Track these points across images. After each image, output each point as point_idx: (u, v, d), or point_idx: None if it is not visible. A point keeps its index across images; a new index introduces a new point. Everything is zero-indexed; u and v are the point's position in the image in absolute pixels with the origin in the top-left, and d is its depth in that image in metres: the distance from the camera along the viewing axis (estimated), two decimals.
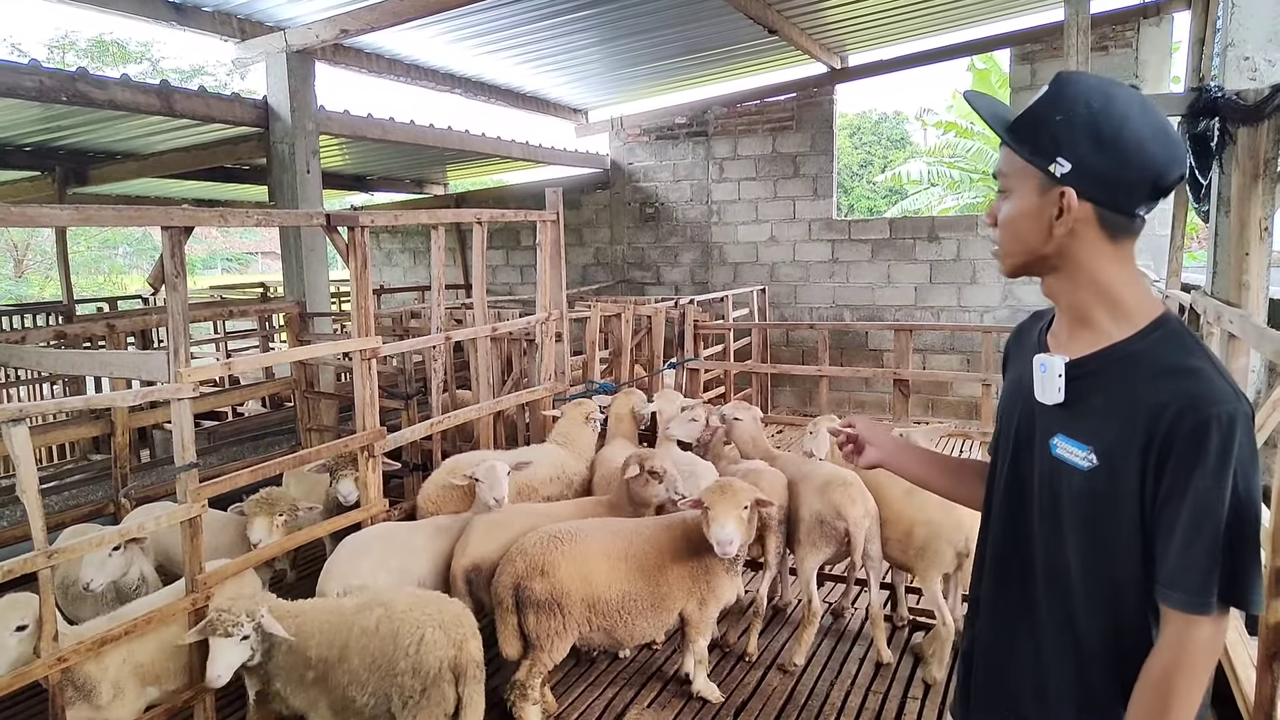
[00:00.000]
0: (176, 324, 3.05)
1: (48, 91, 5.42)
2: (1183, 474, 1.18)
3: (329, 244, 5.87)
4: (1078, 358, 1.31)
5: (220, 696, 3.31)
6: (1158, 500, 1.21)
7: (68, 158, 8.75)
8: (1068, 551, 1.32)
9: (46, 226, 6.47)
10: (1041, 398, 1.34)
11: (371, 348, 3.85)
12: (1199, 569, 1.18)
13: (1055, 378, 1.31)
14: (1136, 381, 1.24)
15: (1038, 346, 1.40)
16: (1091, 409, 1.28)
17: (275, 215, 4.50)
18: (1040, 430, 1.35)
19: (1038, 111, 1.28)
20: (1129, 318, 1.29)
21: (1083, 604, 1.31)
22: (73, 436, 5.73)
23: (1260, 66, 3.59)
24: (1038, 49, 8.66)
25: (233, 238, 28.05)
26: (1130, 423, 1.23)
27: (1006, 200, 1.34)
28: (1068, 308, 1.35)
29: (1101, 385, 1.28)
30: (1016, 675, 1.43)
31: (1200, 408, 1.17)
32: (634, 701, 3.65)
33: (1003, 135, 1.31)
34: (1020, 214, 1.31)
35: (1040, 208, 1.28)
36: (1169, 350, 1.25)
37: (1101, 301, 1.30)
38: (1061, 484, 1.31)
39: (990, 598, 1.48)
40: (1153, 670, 1.23)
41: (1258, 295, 3.66)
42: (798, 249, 10.12)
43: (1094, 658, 1.31)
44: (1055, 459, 1.31)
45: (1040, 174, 1.27)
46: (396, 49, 8.05)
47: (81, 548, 2.87)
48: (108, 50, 20.24)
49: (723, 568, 3.42)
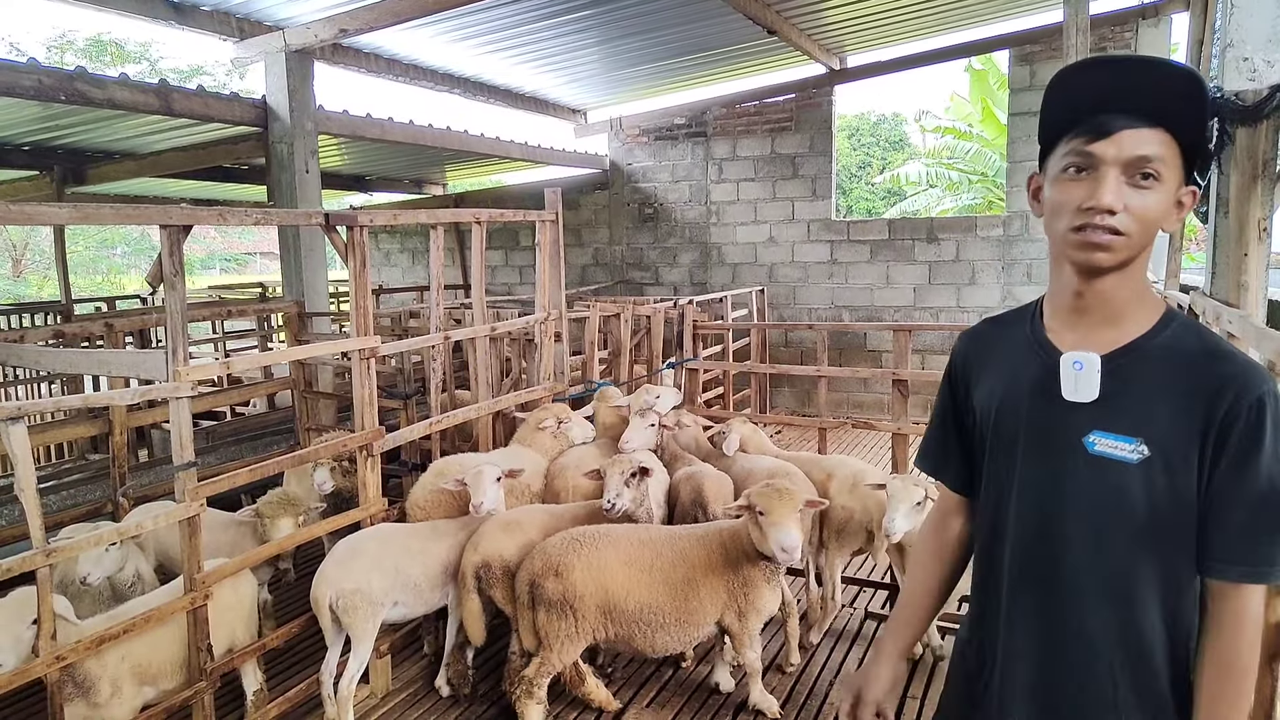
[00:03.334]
0: (175, 323, 3.04)
1: (46, 90, 5.41)
2: (1246, 452, 1.20)
3: (327, 244, 5.86)
4: (1110, 352, 1.29)
5: (219, 696, 3.31)
6: (1214, 480, 1.23)
7: (66, 157, 8.74)
8: (1122, 549, 1.28)
9: (45, 224, 6.45)
10: (1074, 396, 1.30)
11: (370, 347, 3.85)
12: (1263, 541, 1.21)
13: (1093, 374, 1.28)
14: (1180, 369, 1.25)
15: (1039, 348, 1.37)
16: (1133, 402, 1.27)
17: (274, 214, 4.50)
18: (1069, 430, 1.31)
19: (1208, 105, 1.25)
20: (1149, 312, 1.31)
21: (1141, 600, 1.29)
22: (70, 436, 5.72)
23: (1259, 67, 3.58)
24: (1037, 50, 8.67)
25: (231, 238, 28.00)
26: (1184, 409, 1.23)
27: (1150, 191, 1.23)
28: (1102, 305, 1.31)
29: (1141, 377, 1.27)
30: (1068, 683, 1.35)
31: (1253, 387, 1.21)
32: (633, 701, 3.65)
33: (1203, 123, 1.25)
34: (1167, 206, 1.25)
35: (1172, 201, 1.26)
36: (1195, 337, 1.28)
37: (1137, 297, 1.31)
38: (1109, 481, 1.28)
39: (1019, 606, 1.39)
40: (1222, 651, 1.26)
41: (1256, 296, 3.65)
42: (796, 250, 10.12)
43: (1154, 654, 1.30)
44: (1096, 456, 1.28)
45: (1183, 170, 1.25)
46: (396, 49, 8.05)
47: (80, 546, 2.86)
48: (106, 50, 20.20)
49: (763, 578, 3.27)
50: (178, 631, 3.08)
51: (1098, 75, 1.29)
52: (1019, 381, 1.38)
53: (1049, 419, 1.33)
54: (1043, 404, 1.34)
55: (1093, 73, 1.31)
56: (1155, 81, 1.23)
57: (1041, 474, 1.35)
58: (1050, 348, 1.35)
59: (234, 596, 3.33)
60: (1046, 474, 1.34)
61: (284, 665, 4.10)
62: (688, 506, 4.00)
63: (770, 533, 3.08)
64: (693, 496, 4.00)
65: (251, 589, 3.49)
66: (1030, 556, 1.37)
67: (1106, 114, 1.23)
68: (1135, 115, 1.21)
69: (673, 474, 4.27)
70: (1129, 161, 1.22)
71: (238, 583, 3.38)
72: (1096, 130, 1.23)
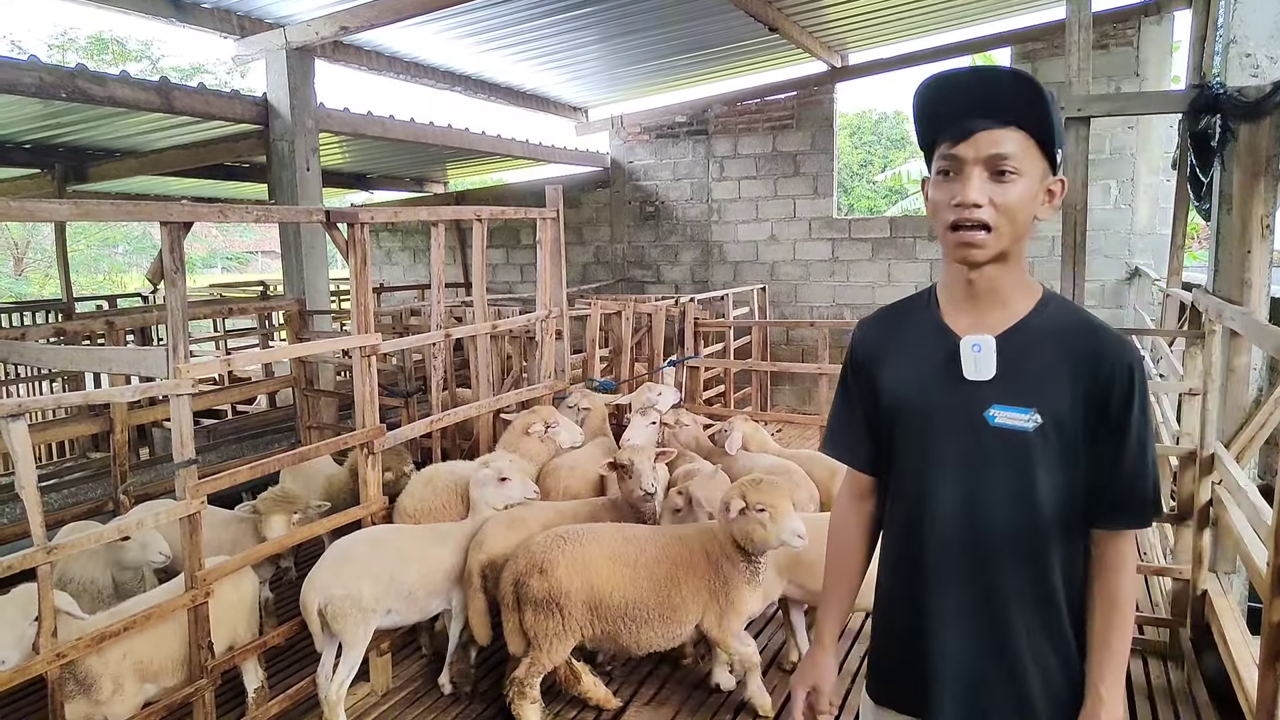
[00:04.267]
0: (175, 320, 3.04)
1: (47, 88, 5.40)
2: (1121, 415, 1.39)
3: (329, 242, 5.86)
4: (1002, 333, 1.44)
5: (220, 693, 3.30)
6: (1098, 440, 1.41)
7: (67, 155, 8.74)
8: (1029, 512, 1.43)
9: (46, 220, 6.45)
10: (974, 375, 1.44)
11: (371, 344, 3.84)
12: (1144, 492, 1.41)
13: (989, 354, 1.43)
14: (1062, 344, 1.41)
15: (940, 333, 1.49)
16: (1025, 376, 1.42)
17: (275, 211, 4.50)
18: (973, 406, 1.44)
19: (1050, 102, 1.37)
20: (1030, 292, 1.47)
21: (1048, 555, 1.44)
22: (72, 434, 5.73)
23: (1262, 63, 3.58)
24: (1039, 47, 8.65)
25: (233, 236, 28.00)
26: (1068, 379, 1.40)
27: (1012, 185, 1.37)
28: (990, 291, 1.45)
29: (1030, 353, 1.42)
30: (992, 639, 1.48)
31: (1125, 357, 1.39)
32: (634, 699, 3.65)
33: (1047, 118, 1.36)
34: (1030, 197, 1.39)
35: (1037, 193, 1.40)
36: (1071, 315, 1.46)
37: (1020, 282, 1.46)
38: (1008, 448, 1.42)
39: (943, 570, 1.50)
40: (1110, 589, 1.45)
41: (1259, 293, 3.64)
42: (798, 248, 10.11)
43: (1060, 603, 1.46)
44: (997, 428, 1.42)
45: (1046, 161, 1.39)
46: (397, 46, 8.04)
47: (80, 544, 2.86)
48: (107, 48, 20.19)
49: (744, 579, 3.27)
50: (179, 628, 3.07)
51: (955, 87, 1.43)
52: (925, 365, 1.51)
53: (955, 398, 1.46)
54: (948, 385, 1.47)
55: (950, 85, 1.43)
56: (1004, 88, 1.38)
57: (954, 448, 1.47)
58: (950, 332, 1.48)
59: (235, 594, 3.32)
60: (959, 448, 1.47)
61: (286, 663, 4.10)
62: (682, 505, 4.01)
63: (781, 523, 3.10)
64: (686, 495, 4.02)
65: (253, 586, 3.49)
66: (951, 525, 1.48)
67: (967, 119, 1.37)
68: (990, 118, 1.36)
69: (672, 473, 4.27)
70: (987, 159, 1.36)
71: (239, 580, 3.36)
72: (959, 134, 1.38)
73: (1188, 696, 3.57)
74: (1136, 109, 4.48)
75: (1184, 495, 3.75)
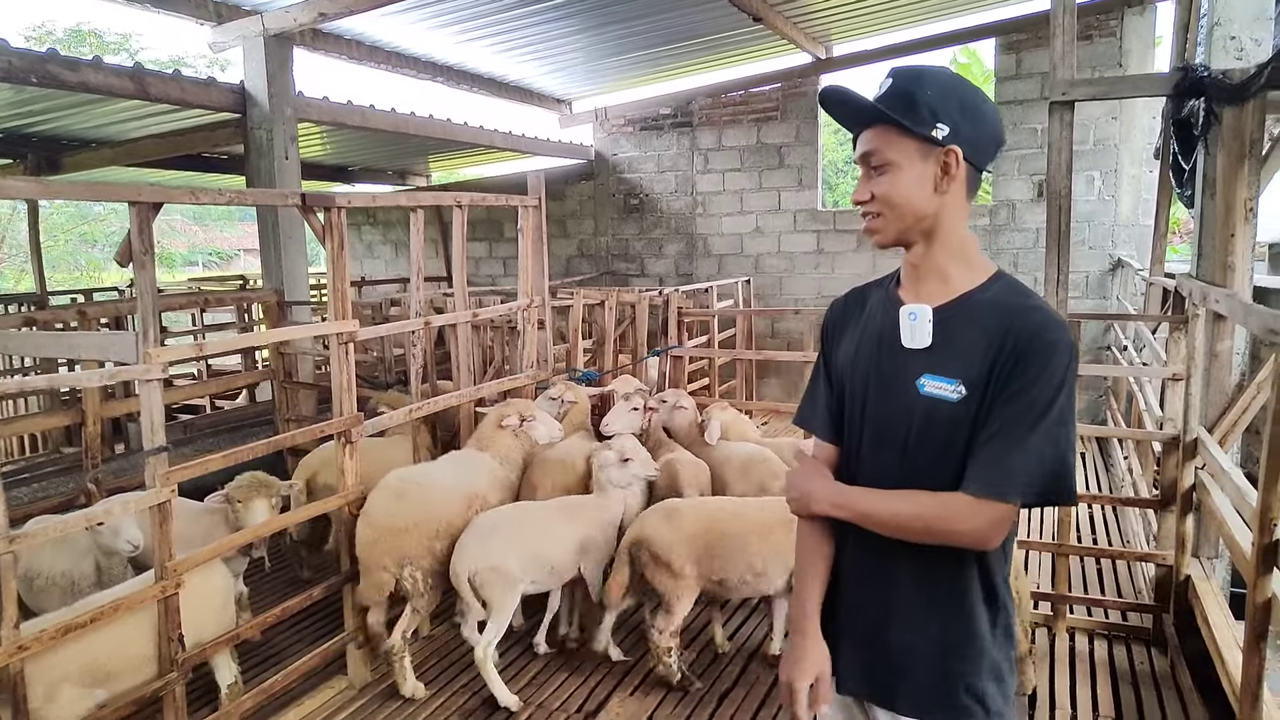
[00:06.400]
0: (145, 303, 2.95)
1: (16, 73, 5.28)
2: (1023, 385, 1.38)
3: (308, 233, 5.77)
4: (940, 304, 1.49)
5: (193, 690, 3.22)
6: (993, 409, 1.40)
7: (40, 145, 8.59)
8: (940, 477, 1.45)
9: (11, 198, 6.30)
10: (910, 343, 1.49)
11: (348, 331, 3.77)
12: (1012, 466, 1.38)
13: (925, 323, 1.48)
14: (994, 319, 1.43)
15: (889, 304, 1.55)
16: (955, 348, 1.46)
17: (249, 194, 4.41)
18: (906, 374, 1.49)
19: (905, 90, 1.44)
20: (975, 271, 1.51)
21: None
22: (44, 425, 5.62)
23: (1247, 46, 3.57)
24: (1023, 38, 8.66)
25: (214, 232, 27.66)
26: (985, 350, 1.42)
27: (884, 175, 1.47)
28: (930, 269, 1.52)
29: (962, 326, 1.46)
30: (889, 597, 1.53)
31: (1043, 332, 1.39)
32: (617, 689, 3.61)
33: (886, 113, 1.44)
34: (908, 182, 1.46)
35: (924, 172, 1.46)
36: (1013, 294, 1.48)
37: (958, 258, 1.51)
38: (933, 417, 1.45)
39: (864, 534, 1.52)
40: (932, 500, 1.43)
41: (1243, 277, 3.64)
42: (783, 240, 10.08)
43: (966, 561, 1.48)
44: (925, 397, 1.46)
45: (919, 141, 1.44)
46: (376, 35, 7.94)
47: (43, 534, 2.77)
48: (85, 40, 19.87)
49: None
50: (144, 623, 2.96)
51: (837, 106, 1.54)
52: (870, 335, 1.57)
53: (892, 366, 1.52)
54: (887, 353, 1.53)
55: (835, 106, 1.54)
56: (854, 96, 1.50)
57: (886, 414, 1.52)
58: (896, 302, 1.55)
59: (205, 588, 3.22)
60: (889, 414, 1.51)
61: (260, 658, 4.02)
62: (664, 492, 4.02)
63: None
64: (668, 482, 4.04)
65: (225, 580, 3.38)
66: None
67: (851, 129, 1.54)
68: (858, 124, 1.52)
69: (656, 460, 4.22)
70: (862, 158, 1.51)
71: (209, 574, 3.26)
72: (853, 143, 1.54)
73: (1171, 681, 3.57)
74: (1121, 92, 4.46)
75: (1167, 480, 3.75)
